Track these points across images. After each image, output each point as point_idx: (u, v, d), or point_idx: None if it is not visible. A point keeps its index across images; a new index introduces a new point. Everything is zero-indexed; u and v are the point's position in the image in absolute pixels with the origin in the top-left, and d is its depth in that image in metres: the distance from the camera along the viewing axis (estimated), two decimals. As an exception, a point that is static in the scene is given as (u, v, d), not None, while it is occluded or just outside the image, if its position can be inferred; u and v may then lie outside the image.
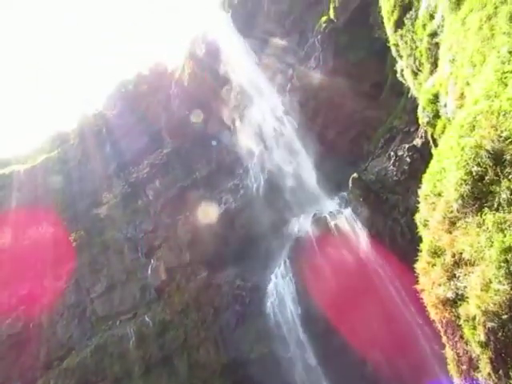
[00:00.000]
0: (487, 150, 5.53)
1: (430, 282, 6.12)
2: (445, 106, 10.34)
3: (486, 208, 5.36)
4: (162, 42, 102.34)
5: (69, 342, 36.76)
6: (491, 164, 5.45)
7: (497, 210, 5.22)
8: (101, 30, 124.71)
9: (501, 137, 5.45)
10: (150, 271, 36.21)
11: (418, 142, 23.63)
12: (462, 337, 5.67)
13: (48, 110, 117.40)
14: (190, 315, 32.28)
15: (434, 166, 7.05)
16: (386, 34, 16.86)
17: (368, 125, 29.64)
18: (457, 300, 5.56)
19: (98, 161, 43.72)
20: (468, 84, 8.36)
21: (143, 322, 34.01)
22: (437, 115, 11.42)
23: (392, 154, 25.48)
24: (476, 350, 5.36)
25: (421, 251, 6.64)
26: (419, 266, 6.56)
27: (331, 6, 29.68)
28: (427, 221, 6.74)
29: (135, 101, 44.23)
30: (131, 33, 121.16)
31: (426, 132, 15.63)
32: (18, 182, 45.77)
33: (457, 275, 5.58)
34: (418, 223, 7.13)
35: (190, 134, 39.48)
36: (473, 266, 5.29)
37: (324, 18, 30.67)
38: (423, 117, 12.49)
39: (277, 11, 34.52)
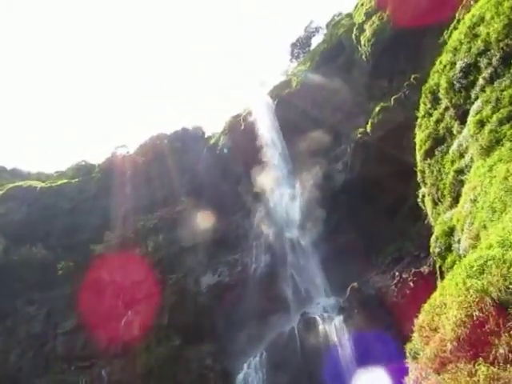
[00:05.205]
0: (493, 298, 5.41)
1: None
2: (458, 241, 10.37)
3: (480, 358, 5.10)
4: (208, 109, 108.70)
5: (17, 374, 34.32)
6: (494, 313, 5.29)
7: (492, 363, 4.95)
8: (152, 85, 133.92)
9: (509, 288, 5.36)
10: (123, 322, 34.63)
11: (425, 269, 23.30)
12: None
13: (82, 139, 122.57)
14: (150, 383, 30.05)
15: (435, 298, 6.88)
16: (414, 159, 17.55)
17: (380, 238, 29.62)
18: None
19: (112, 199, 44.28)
20: (485, 227, 8.45)
21: (99, 376, 31.77)
22: (449, 248, 11.41)
23: (397, 274, 25.07)
24: None
25: (405, 384, 6.24)
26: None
27: (369, 121, 31.39)
28: (417, 354, 6.42)
29: (166, 154, 45.89)
30: (183, 90, 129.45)
31: (435, 262, 15.50)
32: (30, 198, 46.37)
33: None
34: (408, 354, 6.78)
35: (206, 199, 40.06)
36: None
37: (360, 130, 32.30)
38: (435, 246, 12.49)
39: (318, 114, 36.59)
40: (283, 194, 36.03)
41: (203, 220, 38.38)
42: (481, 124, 11.57)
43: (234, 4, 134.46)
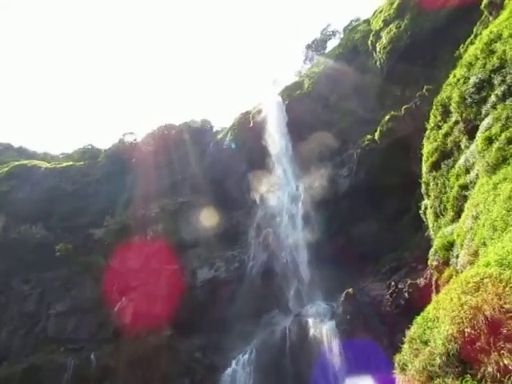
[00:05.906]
0: (486, 316, 5.37)
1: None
2: (456, 256, 10.33)
3: (468, 375, 5.07)
4: (218, 104, 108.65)
5: (6, 351, 34.52)
6: (486, 331, 5.25)
7: (479, 381, 4.92)
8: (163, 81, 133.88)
9: (503, 308, 5.32)
10: (116, 309, 34.75)
11: (421, 281, 23.19)
12: None
13: (92, 123, 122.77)
14: (136, 371, 30.04)
15: (429, 311, 6.85)
16: (420, 170, 17.49)
17: (379, 246, 29.53)
18: None
19: (115, 185, 44.35)
20: (484, 245, 8.40)
21: (87, 359, 31.84)
22: (446, 263, 11.37)
23: (393, 283, 24.98)
24: None
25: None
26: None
27: (378, 129, 31.28)
28: (406, 365, 6.39)
29: (173, 146, 45.89)
30: (195, 83, 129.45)
31: (431, 275, 15.45)
32: (34, 178, 46.50)
33: None
34: (396, 364, 6.76)
35: (209, 193, 40.07)
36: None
37: (369, 136, 32.20)
38: (433, 259, 12.44)
39: (328, 117, 36.52)
40: (286, 195, 35.97)
41: (204, 214, 38.43)
42: (489, 141, 11.51)
43: (248, 1, 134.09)
